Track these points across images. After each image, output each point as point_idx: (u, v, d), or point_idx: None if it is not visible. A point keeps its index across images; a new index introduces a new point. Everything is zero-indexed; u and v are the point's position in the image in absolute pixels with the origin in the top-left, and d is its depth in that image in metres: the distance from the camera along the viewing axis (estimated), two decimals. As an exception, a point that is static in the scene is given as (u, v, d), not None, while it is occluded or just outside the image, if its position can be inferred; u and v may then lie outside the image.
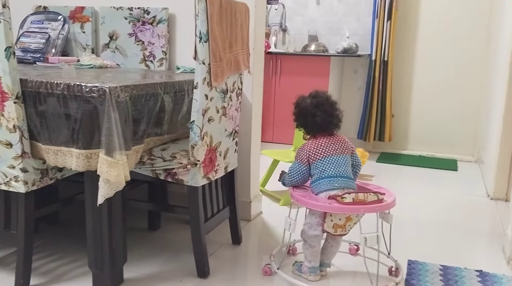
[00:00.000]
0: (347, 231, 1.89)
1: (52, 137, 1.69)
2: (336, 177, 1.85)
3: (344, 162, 1.88)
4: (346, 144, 1.93)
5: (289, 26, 4.78)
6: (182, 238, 2.35)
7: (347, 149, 1.91)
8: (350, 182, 1.88)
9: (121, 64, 2.57)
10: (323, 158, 1.87)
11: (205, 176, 1.90)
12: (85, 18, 2.64)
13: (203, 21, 1.75)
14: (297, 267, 2.02)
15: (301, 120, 1.96)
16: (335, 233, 1.88)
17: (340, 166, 1.87)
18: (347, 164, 1.89)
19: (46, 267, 2.01)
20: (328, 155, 1.88)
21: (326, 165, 1.87)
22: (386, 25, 4.26)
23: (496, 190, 3.15)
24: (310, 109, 1.92)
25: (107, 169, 1.58)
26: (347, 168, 1.88)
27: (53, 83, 1.64)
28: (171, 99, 1.91)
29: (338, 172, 1.86)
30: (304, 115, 1.94)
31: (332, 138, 1.92)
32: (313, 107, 1.91)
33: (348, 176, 1.88)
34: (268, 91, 4.25)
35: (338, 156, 1.88)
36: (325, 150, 1.88)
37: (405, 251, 2.26)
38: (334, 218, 1.85)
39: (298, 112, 1.97)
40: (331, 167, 1.86)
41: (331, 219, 1.85)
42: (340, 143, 1.91)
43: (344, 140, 1.94)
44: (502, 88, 3.08)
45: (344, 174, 1.86)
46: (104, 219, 1.71)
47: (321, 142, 1.90)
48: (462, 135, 4.40)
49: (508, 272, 2.09)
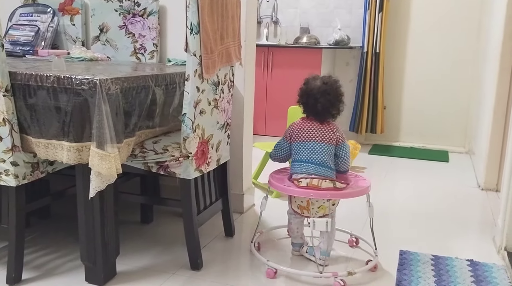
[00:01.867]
0: (312, 214, 1.92)
1: (42, 130, 1.67)
2: (307, 162, 1.92)
3: (320, 150, 1.92)
4: (332, 134, 1.94)
5: (280, 18, 4.76)
6: (175, 230, 2.35)
7: (331, 139, 1.93)
8: (322, 169, 1.91)
9: (112, 57, 2.55)
10: (301, 142, 1.94)
11: (197, 168, 1.90)
12: (75, 10, 2.61)
13: (194, 13, 1.74)
14: (308, 250, 2.06)
15: (303, 99, 1.99)
16: (302, 213, 1.99)
17: (315, 153, 1.91)
18: (324, 153, 1.92)
19: (38, 261, 2.00)
20: (307, 140, 1.93)
21: (302, 149, 1.94)
22: (378, 17, 4.26)
23: (487, 180, 3.17)
24: (315, 93, 1.94)
25: (99, 162, 1.58)
26: (322, 156, 1.91)
27: (42, 76, 1.62)
28: (162, 91, 1.90)
29: (310, 159, 1.92)
30: (307, 96, 1.96)
31: (320, 125, 1.95)
32: (318, 92, 1.94)
33: (321, 164, 1.91)
34: (260, 84, 4.24)
35: (317, 143, 1.92)
36: (306, 135, 1.94)
37: (396, 241, 2.28)
38: (297, 199, 1.97)
39: (304, 91, 1.98)
40: (305, 152, 1.93)
41: (295, 200, 1.98)
42: (325, 132, 1.94)
43: (332, 130, 1.95)
44: (493, 79, 3.10)
45: (317, 161, 1.91)
46: (96, 212, 1.71)
47: (307, 126, 1.95)
48: (453, 126, 4.43)
49: (499, 261, 2.12)
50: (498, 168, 3.10)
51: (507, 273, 1.99)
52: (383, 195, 2.39)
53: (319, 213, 1.94)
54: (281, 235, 2.32)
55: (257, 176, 3.15)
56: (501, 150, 3.07)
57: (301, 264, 2.03)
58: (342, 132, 2.00)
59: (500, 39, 2.98)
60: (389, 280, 1.92)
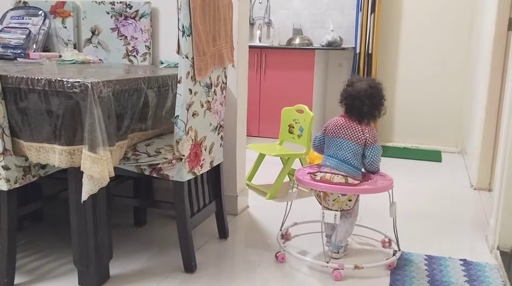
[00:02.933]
0: (330, 206, 2.03)
1: (34, 134, 1.66)
2: (332, 157, 2.02)
3: (346, 147, 1.99)
4: (362, 134, 1.99)
5: (273, 20, 4.77)
6: (168, 233, 2.34)
7: (359, 139, 1.99)
8: (344, 166, 1.98)
9: (104, 59, 2.55)
10: (332, 137, 2.04)
11: (191, 171, 1.90)
12: (67, 13, 2.60)
13: (185, 15, 1.74)
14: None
15: (349, 101, 2.03)
16: (320, 203, 2.06)
17: (341, 149, 2.00)
18: (349, 151, 1.99)
19: (31, 265, 1.99)
20: (337, 136, 2.02)
21: (332, 144, 2.04)
22: (370, 18, 4.28)
23: (479, 180, 3.19)
24: (361, 96, 1.99)
25: (91, 165, 1.57)
26: (347, 153, 1.99)
27: (34, 79, 1.61)
28: (155, 94, 1.90)
29: (336, 154, 2.00)
30: (353, 98, 2.01)
31: (354, 124, 2.01)
32: (365, 96, 1.99)
33: (344, 161, 1.98)
34: (253, 85, 4.24)
35: (345, 140, 2.00)
36: (337, 131, 2.03)
37: (390, 242, 2.29)
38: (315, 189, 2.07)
39: (350, 93, 2.03)
40: (333, 147, 2.02)
41: (315, 190, 2.08)
42: (355, 131, 2.00)
43: (363, 131, 2.00)
44: (484, 79, 3.12)
45: (341, 158, 1.99)
46: (88, 216, 1.70)
47: (341, 123, 2.04)
48: (445, 126, 4.45)
49: (491, 260, 2.13)
50: (491, 167, 3.12)
51: (500, 272, 2.00)
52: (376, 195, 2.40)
53: (335, 206, 2.01)
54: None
55: (251, 178, 3.15)
56: (493, 149, 3.08)
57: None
58: (376, 134, 2.05)
59: (491, 39, 3.00)
60: (383, 280, 1.92)
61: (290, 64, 4.18)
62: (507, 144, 2.11)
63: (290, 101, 3.88)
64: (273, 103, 4.20)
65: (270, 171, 3.18)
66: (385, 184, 2.01)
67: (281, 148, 3.17)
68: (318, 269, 2.01)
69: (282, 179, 2.97)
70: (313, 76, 4.13)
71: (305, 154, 3.03)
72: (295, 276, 1.95)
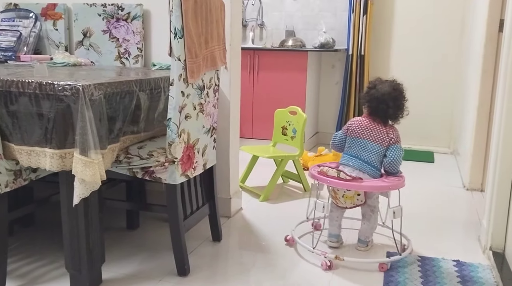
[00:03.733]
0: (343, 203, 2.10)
1: (24, 137, 1.65)
2: (356, 157, 2.06)
3: (371, 149, 2.04)
4: (387, 136, 2.04)
5: (266, 22, 4.77)
6: (161, 236, 2.33)
7: (383, 141, 2.04)
8: (367, 167, 2.04)
9: (96, 62, 2.53)
10: (356, 138, 2.08)
11: (183, 173, 1.89)
12: (58, 15, 2.58)
13: (177, 17, 1.73)
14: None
15: (373, 104, 2.07)
16: (337, 204, 2.13)
17: (365, 151, 2.05)
18: (374, 152, 2.04)
19: (22, 269, 1.97)
20: (361, 137, 2.06)
21: (355, 144, 2.08)
22: (362, 20, 4.29)
23: (472, 180, 3.21)
24: (387, 98, 2.04)
25: (82, 169, 1.56)
26: (371, 155, 2.04)
27: (24, 82, 1.60)
28: (147, 96, 1.89)
29: (360, 155, 2.05)
30: (377, 100, 2.05)
31: (378, 125, 2.06)
32: (390, 98, 2.04)
33: (368, 162, 2.04)
34: (246, 87, 4.23)
35: (370, 142, 2.05)
36: (362, 132, 2.06)
37: (383, 243, 2.29)
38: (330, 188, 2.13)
39: (375, 97, 2.06)
40: (357, 147, 2.07)
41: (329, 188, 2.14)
42: (380, 133, 2.05)
43: (387, 132, 2.05)
44: (476, 81, 3.14)
45: (365, 159, 2.04)
46: (80, 220, 1.68)
47: (366, 124, 2.08)
48: (438, 127, 4.47)
49: (484, 261, 2.13)
50: (483, 168, 3.13)
51: (493, 273, 2.01)
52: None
53: (347, 202, 2.09)
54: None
55: (245, 180, 3.15)
56: (485, 150, 3.10)
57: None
58: (399, 135, 2.08)
59: (483, 41, 3.01)
60: (377, 281, 1.92)
61: (283, 65, 4.18)
62: (499, 145, 2.12)
63: (283, 102, 3.88)
64: (266, 105, 4.20)
65: (263, 173, 3.17)
66: (385, 183, 2.03)
67: (274, 150, 3.16)
68: (313, 271, 2.00)
69: (275, 181, 2.97)
70: (306, 77, 4.13)
71: (298, 156, 3.02)
72: (289, 278, 1.94)
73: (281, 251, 2.19)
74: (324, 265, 2.01)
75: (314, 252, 2.09)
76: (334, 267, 2.02)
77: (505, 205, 2.13)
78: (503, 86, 2.12)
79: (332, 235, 2.21)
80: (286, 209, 2.76)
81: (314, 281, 1.92)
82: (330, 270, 2.00)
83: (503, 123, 2.09)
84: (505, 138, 2.09)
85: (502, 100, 2.11)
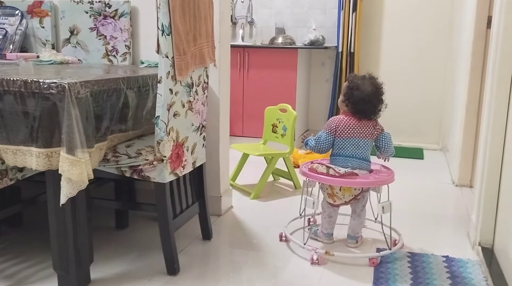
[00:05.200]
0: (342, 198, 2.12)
1: (10, 136, 1.62)
2: (352, 157, 2.08)
3: (364, 146, 2.09)
4: (374, 129, 2.10)
5: (256, 19, 4.76)
6: (151, 235, 2.31)
7: (372, 135, 2.10)
8: (364, 163, 2.10)
9: (83, 60, 2.50)
10: (346, 138, 2.08)
11: (173, 172, 1.87)
12: (44, 12, 2.55)
13: (165, 14, 1.71)
14: (313, 231, 2.27)
15: (359, 105, 2.07)
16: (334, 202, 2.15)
17: (359, 148, 2.08)
18: (367, 148, 2.10)
19: (9, 270, 1.94)
20: (352, 137, 2.08)
21: (347, 144, 2.09)
22: (352, 17, 4.29)
23: (461, 177, 3.22)
24: (368, 96, 2.07)
25: (69, 168, 1.54)
26: (365, 151, 2.09)
27: (9, 80, 1.57)
28: (135, 94, 1.87)
29: (355, 154, 2.08)
30: (363, 101, 2.06)
31: (362, 121, 2.09)
32: (375, 97, 2.08)
33: (364, 158, 2.09)
34: (236, 84, 4.22)
35: (361, 139, 2.08)
36: (352, 131, 2.08)
37: (373, 239, 2.29)
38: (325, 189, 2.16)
39: (359, 97, 2.06)
40: (350, 147, 2.08)
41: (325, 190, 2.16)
42: (368, 128, 2.09)
43: (374, 125, 2.11)
44: (465, 78, 3.15)
45: (360, 156, 2.09)
46: (68, 219, 1.66)
47: (353, 123, 2.09)
48: (427, 124, 4.49)
49: (473, 256, 2.15)
50: (472, 164, 3.15)
51: (482, 268, 2.02)
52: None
53: (346, 195, 2.10)
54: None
55: (235, 178, 3.14)
56: (474, 147, 3.12)
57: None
58: (381, 124, 2.15)
59: (471, 38, 3.03)
60: (366, 278, 1.92)
61: (273, 63, 4.17)
62: (487, 141, 2.13)
63: (273, 100, 3.87)
64: (257, 102, 4.19)
65: (254, 171, 3.17)
66: (369, 179, 2.08)
67: (264, 148, 3.16)
68: (304, 268, 2.00)
69: (266, 179, 2.96)
70: (296, 75, 4.13)
71: (288, 154, 3.02)
72: (281, 275, 1.94)
73: (272, 249, 2.18)
74: (311, 260, 2.02)
75: (305, 247, 2.10)
76: (322, 262, 2.04)
77: (494, 201, 2.14)
78: (491, 83, 2.13)
79: (329, 234, 2.23)
80: (277, 207, 2.76)
81: (305, 278, 1.92)
82: (319, 265, 2.02)
83: (491, 120, 2.10)
84: (493, 135, 2.10)
85: (490, 96, 2.12)
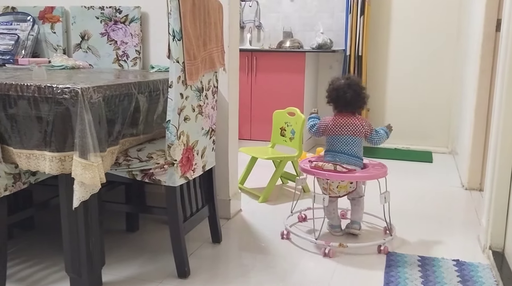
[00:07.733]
0: (337, 193, 2.26)
1: (23, 141, 1.65)
2: (340, 153, 2.22)
3: (352, 143, 2.22)
4: (362, 127, 2.23)
5: (263, 23, 4.78)
6: (161, 238, 2.33)
7: (360, 132, 2.23)
8: (353, 159, 2.22)
9: (94, 65, 2.53)
10: (335, 135, 2.24)
11: (183, 175, 1.89)
12: (55, 18, 2.58)
13: (176, 19, 1.73)
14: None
15: (333, 95, 2.28)
16: (329, 194, 2.24)
17: (347, 145, 2.22)
18: (355, 145, 2.23)
19: (22, 273, 1.97)
20: (340, 134, 2.23)
21: (336, 141, 2.24)
22: (360, 20, 4.30)
23: (470, 180, 3.21)
24: (343, 86, 2.24)
25: (82, 172, 1.56)
26: (353, 148, 2.22)
27: (23, 85, 1.60)
28: (146, 98, 1.89)
29: (343, 150, 2.22)
30: (336, 90, 2.26)
31: (351, 119, 2.24)
32: (345, 85, 2.24)
33: (352, 155, 2.22)
34: (244, 88, 4.24)
35: (349, 136, 2.22)
36: (340, 129, 2.23)
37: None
38: (320, 182, 2.29)
39: (332, 89, 2.29)
40: (339, 144, 2.23)
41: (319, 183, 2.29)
42: (355, 126, 2.23)
43: (361, 124, 2.24)
44: (473, 81, 3.14)
45: (349, 152, 2.22)
46: (80, 223, 1.68)
47: (340, 121, 2.24)
48: (436, 127, 4.48)
49: (484, 260, 2.14)
50: (481, 167, 3.14)
51: (492, 272, 2.01)
52: (368, 197, 2.42)
53: (341, 191, 2.25)
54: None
55: (244, 181, 3.15)
56: (483, 150, 3.11)
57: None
58: (369, 122, 2.30)
59: (480, 41, 3.02)
60: (377, 282, 1.92)
61: (281, 67, 4.18)
62: (497, 144, 2.12)
63: (282, 104, 3.88)
64: (265, 106, 4.20)
65: (262, 174, 3.18)
66: (364, 173, 2.23)
67: (273, 151, 3.17)
68: (316, 270, 2.00)
69: (274, 182, 2.97)
70: (304, 78, 4.14)
71: (297, 157, 3.03)
72: (289, 279, 1.94)
73: (281, 252, 2.19)
74: (323, 254, 2.13)
75: (317, 243, 2.20)
76: (333, 255, 2.14)
77: (504, 204, 2.13)
78: (500, 86, 2.12)
79: (335, 226, 2.35)
80: (286, 210, 2.76)
81: (314, 281, 1.92)
82: (330, 257, 2.12)
83: (501, 123, 2.10)
84: (503, 138, 2.10)
85: (500, 99, 2.12)
